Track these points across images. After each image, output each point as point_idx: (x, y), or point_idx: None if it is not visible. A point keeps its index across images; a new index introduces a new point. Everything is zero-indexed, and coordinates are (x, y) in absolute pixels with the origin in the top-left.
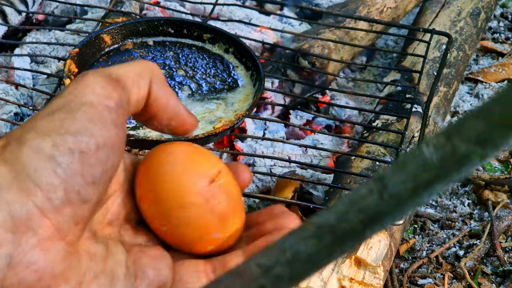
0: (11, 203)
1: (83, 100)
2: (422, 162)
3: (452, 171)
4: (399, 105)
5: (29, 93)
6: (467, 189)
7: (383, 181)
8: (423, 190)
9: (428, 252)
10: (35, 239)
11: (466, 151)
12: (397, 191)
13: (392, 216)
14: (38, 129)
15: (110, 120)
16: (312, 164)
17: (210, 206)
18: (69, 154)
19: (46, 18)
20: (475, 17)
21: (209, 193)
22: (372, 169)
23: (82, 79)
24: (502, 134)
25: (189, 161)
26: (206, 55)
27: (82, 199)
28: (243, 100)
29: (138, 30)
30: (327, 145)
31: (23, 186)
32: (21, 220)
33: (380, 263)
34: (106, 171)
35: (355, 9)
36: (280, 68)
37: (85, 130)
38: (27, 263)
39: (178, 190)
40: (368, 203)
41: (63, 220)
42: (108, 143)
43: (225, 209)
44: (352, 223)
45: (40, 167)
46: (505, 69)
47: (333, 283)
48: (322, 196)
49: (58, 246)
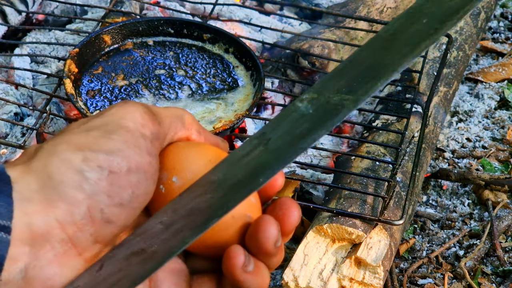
0: (31, 214)
1: (121, 123)
2: (300, 115)
3: (327, 120)
4: (399, 105)
5: (29, 93)
6: (467, 189)
7: (265, 135)
8: (302, 139)
9: (428, 252)
10: (52, 253)
11: (338, 101)
12: (280, 142)
13: (276, 165)
14: (70, 142)
15: (145, 147)
16: (312, 164)
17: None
18: (99, 171)
19: (46, 18)
20: (475, 17)
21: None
22: (372, 169)
23: (123, 105)
24: (371, 83)
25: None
26: (206, 55)
27: (105, 219)
28: (243, 100)
29: (138, 30)
30: (327, 145)
31: (46, 197)
32: (39, 233)
33: (380, 263)
34: (137, 196)
35: (355, 9)
36: (280, 68)
37: (118, 151)
38: (43, 278)
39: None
40: (253, 156)
41: (83, 237)
42: (141, 169)
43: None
44: (238, 176)
45: (66, 180)
46: (505, 69)
47: (333, 283)
48: (322, 196)
49: (75, 262)
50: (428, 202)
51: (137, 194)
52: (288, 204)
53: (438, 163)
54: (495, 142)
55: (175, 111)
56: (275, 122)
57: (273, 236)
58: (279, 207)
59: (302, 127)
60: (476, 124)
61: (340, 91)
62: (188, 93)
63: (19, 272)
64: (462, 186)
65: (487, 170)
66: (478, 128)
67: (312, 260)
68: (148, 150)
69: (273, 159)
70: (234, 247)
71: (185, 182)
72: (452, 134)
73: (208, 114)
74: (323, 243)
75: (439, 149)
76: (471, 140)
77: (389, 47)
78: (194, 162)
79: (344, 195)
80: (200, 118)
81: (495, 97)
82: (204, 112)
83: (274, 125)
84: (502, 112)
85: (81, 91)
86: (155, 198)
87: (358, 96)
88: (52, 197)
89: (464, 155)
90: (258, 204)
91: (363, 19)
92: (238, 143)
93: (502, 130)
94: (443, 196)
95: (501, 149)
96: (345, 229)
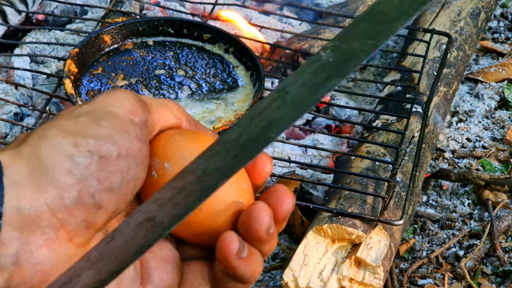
0: (21, 199)
1: (111, 110)
2: (321, 64)
3: (346, 66)
4: (399, 105)
5: (29, 93)
6: (467, 189)
7: (285, 89)
8: (320, 88)
9: (428, 252)
10: (42, 238)
11: (358, 46)
12: (297, 93)
13: (293, 117)
14: (60, 128)
15: (134, 133)
16: (312, 164)
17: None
18: (89, 156)
19: (46, 18)
20: (475, 17)
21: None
22: (372, 169)
23: (112, 92)
24: (389, 27)
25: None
26: (206, 55)
27: (96, 204)
28: (243, 100)
29: (138, 30)
30: (327, 145)
31: (37, 182)
32: (30, 218)
33: (380, 263)
34: (127, 181)
35: (355, 9)
36: (280, 68)
37: (108, 137)
38: (33, 263)
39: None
40: (271, 110)
41: (74, 222)
42: (131, 154)
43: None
44: (251, 133)
45: (56, 165)
46: (505, 69)
47: (333, 283)
48: (322, 196)
49: (66, 248)
50: (428, 202)
51: (127, 180)
52: (281, 192)
53: (438, 163)
54: (495, 142)
55: (165, 102)
56: (296, 73)
57: (266, 223)
58: (272, 194)
59: (321, 76)
60: (476, 124)
61: (363, 36)
62: (188, 93)
63: (11, 257)
64: (462, 186)
65: (487, 170)
66: (478, 128)
67: (312, 260)
68: (138, 136)
69: (288, 112)
70: (228, 233)
71: (178, 169)
72: (452, 134)
73: (208, 114)
74: (323, 243)
75: (439, 149)
76: (471, 140)
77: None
78: (186, 148)
79: (344, 195)
80: (200, 118)
81: (495, 97)
82: (204, 112)
83: (295, 77)
84: (502, 112)
85: (81, 91)
86: (147, 185)
87: (378, 40)
88: (42, 182)
89: (464, 155)
90: (250, 190)
91: None
92: None
93: (502, 130)
94: (443, 196)
95: (501, 149)
96: (345, 229)
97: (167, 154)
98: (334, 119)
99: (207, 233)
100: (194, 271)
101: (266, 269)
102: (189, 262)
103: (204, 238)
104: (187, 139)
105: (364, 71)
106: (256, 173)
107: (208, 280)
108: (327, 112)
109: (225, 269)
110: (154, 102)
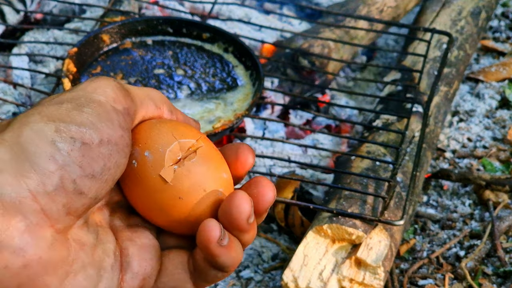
0: (3, 184)
1: (93, 97)
2: None
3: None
4: (399, 104)
5: (27, 93)
6: (468, 189)
7: None
8: None
9: (428, 253)
10: (23, 223)
11: None
12: None
13: None
14: (43, 114)
15: (116, 121)
16: (312, 164)
17: (178, 188)
18: (71, 142)
19: (44, 17)
20: (475, 16)
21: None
22: (372, 169)
23: (95, 80)
24: None
25: (158, 142)
26: (205, 55)
27: (77, 190)
28: (243, 100)
29: (137, 29)
30: (327, 145)
31: (19, 168)
32: (11, 203)
33: (380, 264)
34: (108, 168)
35: (355, 8)
36: (280, 68)
37: (90, 124)
38: (14, 248)
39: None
40: None
41: (55, 208)
42: (112, 141)
43: (198, 183)
44: None
45: (38, 150)
46: (506, 69)
47: (333, 283)
48: (322, 196)
49: (47, 233)
50: (429, 202)
51: (108, 167)
52: (263, 183)
53: (439, 163)
54: (496, 142)
55: (147, 91)
56: None
57: (246, 211)
58: (254, 185)
59: None
60: (477, 124)
61: None
62: (187, 92)
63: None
64: (463, 186)
65: (488, 170)
66: (479, 128)
67: (312, 261)
68: (120, 124)
69: None
70: (209, 220)
71: (158, 157)
72: (453, 134)
73: (207, 114)
74: (323, 243)
75: (439, 149)
76: (472, 140)
77: None
78: (166, 137)
79: (344, 195)
80: (199, 117)
81: (496, 96)
82: (203, 112)
83: None
84: (503, 111)
85: None
86: (127, 173)
87: None
88: (25, 167)
89: (464, 155)
90: (230, 180)
91: (363, 18)
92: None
93: (503, 130)
94: (443, 196)
95: (502, 149)
96: (345, 229)
97: (148, 143)
98: (334, 118)
99: (186, 221)
100: (174, 260)
101: (266, 269)
102: (169, 251)
103: (184, 227)
104: (169, 128)
105: (365, 71)
106: (238, 164)
107: (187, 269)
108: (327, 112)
109: (206, 257)
110: (137, 91)
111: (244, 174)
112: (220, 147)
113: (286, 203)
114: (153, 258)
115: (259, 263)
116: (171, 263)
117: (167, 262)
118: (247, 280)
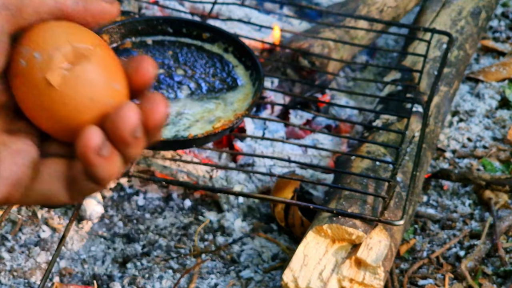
0: None
1: None
2: None
3: None
4: (399, 104)
5: None
6: (468, 189)
7: None
8: None
9: (428, 253)
10: None
11: None
12: None
13: None
14: None
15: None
16: (312, 164)
17: (68, 91)
18: None
19: None
20: (475, 16)
21: (65, 77)
22: (372, 169)
23: None
24: None
25: (52, 44)
26: (205, 55)
27: None
28: (243, 100)
29: (137, 29)
30: (327, 145)
31: None
32: None
33: (380, 264)
34: None
35: (355, 8)
36: (280, 68)
37: None
38: None
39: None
40: None
41: None
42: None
43: (92, 89)
44: None
45: None
46: (506, 69)
47: (333, 283)
48: (322, 196)
49: None
50: (429, 202)
51: None
52: (157, 100)
53: (439, 163)
54: (496, 142)
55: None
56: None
57: (131, 122)
58: (148, 101)
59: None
60: (477, 124)
61: None
62: (187, 92)
63: None
64: (463, 186)
65: (488, 170)
66: (479, 128)
67: (312, 261)
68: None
69: None
70: (91, 127)
71: (47, 59)
72: (453, 134)
73: (207, 114)
74: (323, 243)
75: (439, 149)
76: (472, 140)
77: None
78: (60, 40)
79: (344, 195)
80: (199, 117)
81: (496, 96)
82: (203, 112)
83: None
84: (503, 111)
85: None
86: (16, 73)
87: None
88: None
89: (464, 155)
90: (124, 92)
91: (363, 18)
92: (238, 143)
93: (503, 130)
94: (443, 196)
95: (502, 149)
96: (345, 229)
97: (39, 44)
98: (334, 118)
99: (70, 128)
100: (50, 168)
101: (266, 269)
102: (48, 158)
103: (67, 133)
104: (65, 31)
105: (365, 71)
106: (137, 76)
107: (62, 178)
108: (327, 112)
109: (84, 165)
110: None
111: (144, 87)
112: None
113: (286, 203)
114: (25, 163)
115: (259, 263)
116: (47, 170)
117: (43, 169)
118: (247, 280)
